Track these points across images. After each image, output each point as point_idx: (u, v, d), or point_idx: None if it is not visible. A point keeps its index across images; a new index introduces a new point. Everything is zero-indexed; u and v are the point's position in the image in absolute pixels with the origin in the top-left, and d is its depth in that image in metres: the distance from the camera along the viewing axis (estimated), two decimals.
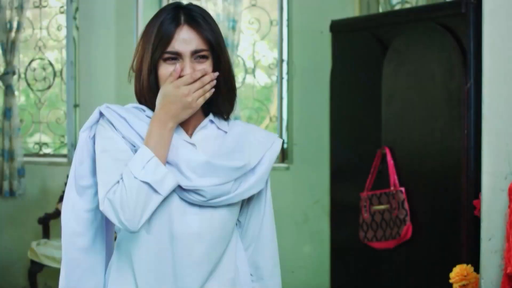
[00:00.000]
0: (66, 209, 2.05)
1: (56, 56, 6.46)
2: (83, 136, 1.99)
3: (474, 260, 2.44)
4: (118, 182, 1.84)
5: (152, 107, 1.97)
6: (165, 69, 1.92)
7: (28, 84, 6.40)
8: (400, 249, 3.81)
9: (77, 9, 6.00)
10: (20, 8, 5.95)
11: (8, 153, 6.05)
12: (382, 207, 3.86)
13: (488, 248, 2.10)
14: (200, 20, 1.93)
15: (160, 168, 1.83)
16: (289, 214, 5.32)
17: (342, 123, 4.34)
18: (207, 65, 1.94)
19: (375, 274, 4.00)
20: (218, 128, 2.03)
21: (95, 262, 2.04)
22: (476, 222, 2.42)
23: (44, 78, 6.35)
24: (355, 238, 4.02)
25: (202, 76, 1.90)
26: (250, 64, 5.60)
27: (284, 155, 5.45)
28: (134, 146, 1.92)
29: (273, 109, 5.59)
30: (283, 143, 5.42)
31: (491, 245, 2.09)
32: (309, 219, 5.29)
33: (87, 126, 1.99)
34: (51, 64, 6.36)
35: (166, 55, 1.91)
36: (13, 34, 5.96)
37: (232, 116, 2.09)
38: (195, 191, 1.88)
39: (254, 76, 5.60)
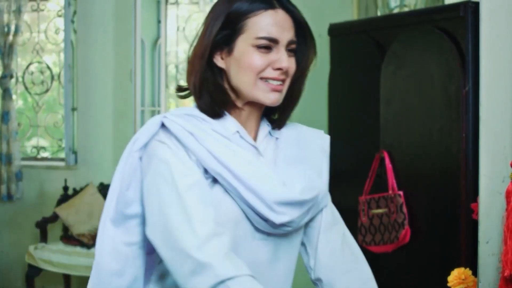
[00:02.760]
0: (102, 241, 1.66)
1: (54, 59, 6.45)
2: (135, 157, 1.62)
3: (473, 264, 2.43)
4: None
5: (210, 111, 1.65)
6: (258, 59, 1.62)
7: (26, 88, 6.39)
8: (398, 253, 3.79)
9: (75, 12, 6.00)
10: (18, 12, 5.95)
11: (6, 156, 6.05)
12: (380, 211, 3.85)
13: (485, 251, 2.09)
14: (293, 7, 1.68)
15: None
16: None
17: (340, 127, 4.32)
18: (293, 62, 1.69)
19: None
20: (271, 134, 1.78)
21: None
22: (474, 226, 2.41)
23: (42, 82, 6.35)
24: None
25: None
26: None
27: None
28: (206, 172, 1.60)
29: None
30: None
31: (488, 248, 2.07)
32: None
33: (142, 143, 1.61)
34: (49, 67, 6.36)
35: (261, 42, 1.61)
36: (11, 37, 5.97)
37: None
38: (285, 225, 1.62)
39: None
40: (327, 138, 1.83)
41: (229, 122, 1.67)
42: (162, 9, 6.16)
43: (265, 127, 1.75)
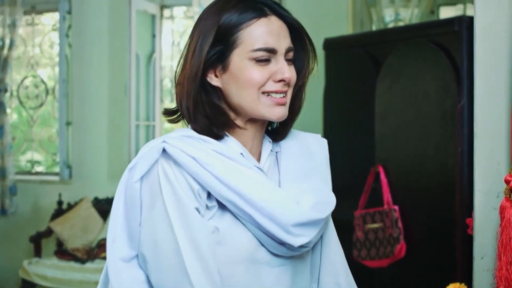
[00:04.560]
0: (119, 284, 1.47)
1: (48, 73, 6.45)
2: (136, 188, 1.46)
3: (468, 279, 2.42)
4: None
5: (208, 134, 1.52)
6: (257, 72, 1.49)
7: (21, 102, 6.39)
8: (393, 267, 3.78)
9: (69, 26, 5.99)
10: (13, 26, 5.96)
11: (0, 171, 6.02)
12: (375, 225, 3.83)
13: (480, 266, 2.08)
14: (286, 12, 1.55)
15: None
16: None
17: (335, 141, 4.30)
18: (294, 72, 1.56)
19: None
20: (271, 150, 1.64)
21: None
22: (469, 241, 2.40)
23: (37, 96, 6.35)
24: (349, 256, 3.98)
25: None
26: None
27: None
28: (209, 197, 1.48)
29: None
30: None
31: (483, 264, 2.07)
32: None
33: (142, 172, 1.46)
34: (43, 81, 6.35)
35: (259, 54, 1.48)
36: (5, 51, 5.97)
37: None
38: (303, 246, 1.53)
39: None
40: (324, 142, 1.71)
41: (231, 143, 1.54)
42: (157, 24, 6.17)
43: (267, 145, 1.62)
